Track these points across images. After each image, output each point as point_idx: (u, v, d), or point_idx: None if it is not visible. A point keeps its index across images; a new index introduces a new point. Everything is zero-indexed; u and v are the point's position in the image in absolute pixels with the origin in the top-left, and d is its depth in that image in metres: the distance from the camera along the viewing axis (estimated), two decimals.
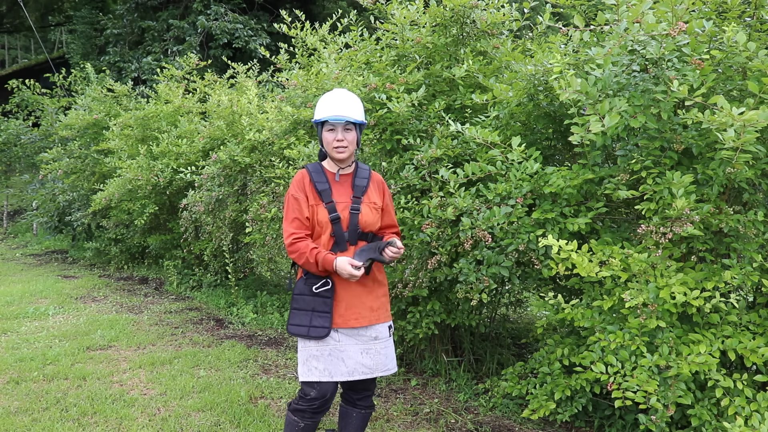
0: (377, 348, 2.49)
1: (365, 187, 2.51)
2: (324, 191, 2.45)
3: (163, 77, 8.10)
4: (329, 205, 2.43)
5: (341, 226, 2.43)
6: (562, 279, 3.53)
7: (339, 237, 2.43)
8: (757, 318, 2.72)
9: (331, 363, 2.44)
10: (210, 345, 4.78)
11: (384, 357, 2.50)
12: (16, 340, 4.79)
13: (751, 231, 2.58)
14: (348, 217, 2.44)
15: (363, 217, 2.46)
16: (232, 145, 5.48)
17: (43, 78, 11.94)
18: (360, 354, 2.46)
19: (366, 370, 2.46)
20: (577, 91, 2.49)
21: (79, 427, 3.24)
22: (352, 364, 2.45)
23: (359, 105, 2.48)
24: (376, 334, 2.49)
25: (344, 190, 2.49)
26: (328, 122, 2.41)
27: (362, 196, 2.48)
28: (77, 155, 8.63)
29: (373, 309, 2.48)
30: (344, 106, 2.41)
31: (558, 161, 3.69)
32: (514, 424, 3.35)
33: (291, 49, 5.09)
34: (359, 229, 2.46)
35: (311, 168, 2.51)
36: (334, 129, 2.41)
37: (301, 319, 2.43)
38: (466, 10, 3.58)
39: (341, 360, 2.44)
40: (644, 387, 2.51)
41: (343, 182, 2.51)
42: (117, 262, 8.35)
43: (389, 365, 2.52)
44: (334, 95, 2.46)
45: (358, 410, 2.61)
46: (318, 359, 2.44)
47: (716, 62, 2.59)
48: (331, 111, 2.40)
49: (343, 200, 2.47)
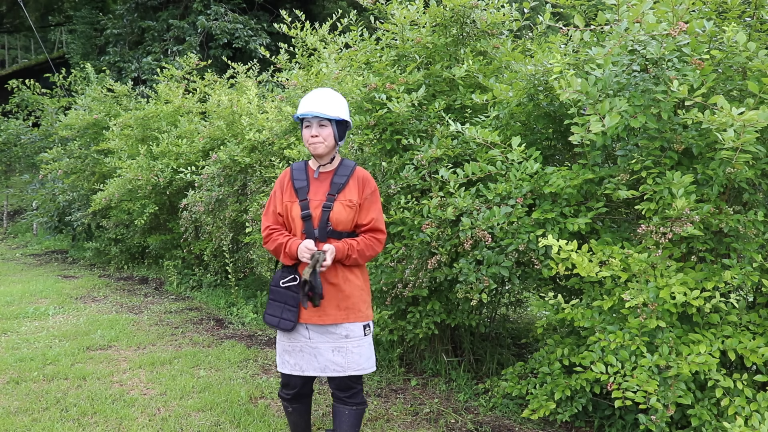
0: (349, 347, 2.50)
1: (343, 184, 2.51)
2: (301, 189, 2.51)
3: (163, 77, 8.10)
4: (303, 202, 2.49)
5: (312, 224, 2.47)
6: (562, 279, 3.53)
7: (309, 234, 2.47)
8: (757, 318, 2.72)
9: (303, 359, 2.53)
10: (210, 345, 4.78)
11: (358, 356, 2.51)
12: (16, 340, 4.79)
13: (751, 231, 2.58)
14: (320, 214, 2.47)
15: (334, 214, 2.46)
16: (232, 145, 5.48)
17: (43, 78, 11.94)
18: (331, 352, 2.49)
19: (338, 368, 2.50)
20: (577, 91, 2.49)
21: (79, 427, 3.24)
22: (324, 361, 2.50)
23: (337, 102, 2.49)
24: (347, 333, 2.50)
25: (322, 187, 2.52)
26: (305, 119, 2.48)
27: (337, 194, 2.49)
28: (77, 155, 8.62)
29: (341, 308, 2.49)
30: (319, 103, 2.46)
31: (558, 161, 3.69)
32: (514, 424, 3.35)
33: (291, 49, 5.09)
34: (330, 227, 2.47)
35: (295, 166, 2.60)
36: (310, 125, 2.47)
37: (274, 310, 2.52)
38: (466, 10, 3.58)
39: (313, 356, 2.51)
40: (644, 387, 2.51)
41: (323, 179, 2.54)
42: (117, 262, 8.35)
43: (364, 365, 2.52)
44: (312, 93, 2.52)
45: (349, 407, 2.62)
46: (290, 354, 2.55)
47: (716, 62, 2.59)
48: (304, 108, 2.47)
49: (318, 198, 2.50)
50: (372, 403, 3.61)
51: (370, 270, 3.80)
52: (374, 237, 2.54)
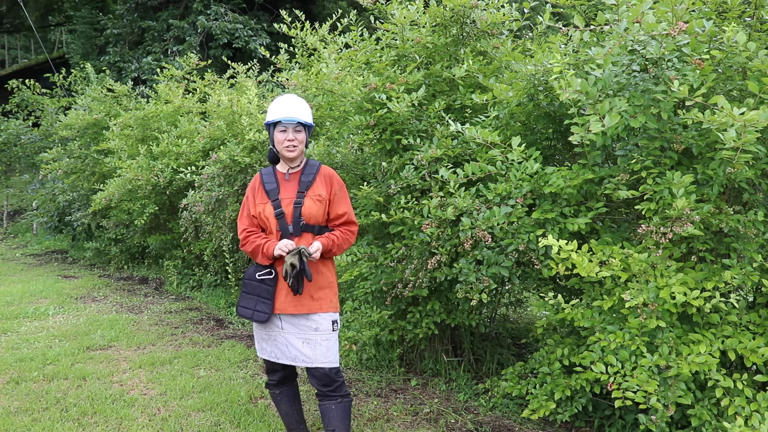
0: (318, 339, 2.65)
1: (311, 181, 2.70)
2: (272, 190, 2.70)
3: (163, 77, 8.10)
4: (275, 202, 2.67)
5: (285, 220, 2.64)
6: (562, 279, 3.53)
7: (284, 230, 2.65)
8: (757, 318, 2.72)
9: (276, 347, 2.71)
10: (210, 345, 4.78)
11: (325, 349, 2.65)
12: (16, 340, 4.79)
13: (751, 231, 2.58)
14: (292, 211, 2.64)
15: (306, 209, 2.64)
16: (232, 145, 5.48)
17: (43, 78, 11.94)
18: (301, 343, 2.65)
19: (306, 359, 2.64)
20: (577, 91, 2.49)
21: (79, 427, 3.24)
22: (294, 351, 2.66)
23: (308, 108, 2.72)
24: (317, 326, 2.65)
25: (291, 187, 2.70)
26: (281, 123, 2.64)
27: (306, 191, 2.67)
28: (77, 155, 8.63)
29: (314, 298, 2.65)
30: (295, 109, 2.65)
31: (558, 161, 3.68)
32: (514, 424, 3.35)
33: (291, 49, 5.09)
34: (302, 221, 2.64)
35: (264, 172, 2.79)
36: (285, 129, 2.64)
37: (247, 302, 2.69)
38: (466, 10, 3.58)
39: (285, 346, 2.68)
40: (644, 387, 2.51)
41: (292, 180, 2.72)
42: (117, 262, 8.35)
43: (331, 358, 2.67)
44: (284, 99, 2.69)
45: (335, 402, 2.69)
46: (265, 341, 2.75)
47: (716, 62, 2.59)
48: (283, 113, 2.63)
49: (289, 196, 2.68)
50: (372, 403, 3.61)
51: (370, 270, 3.80)
52: (348, 230, 2.74)
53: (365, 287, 3.84)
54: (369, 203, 3.75)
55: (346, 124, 4.06)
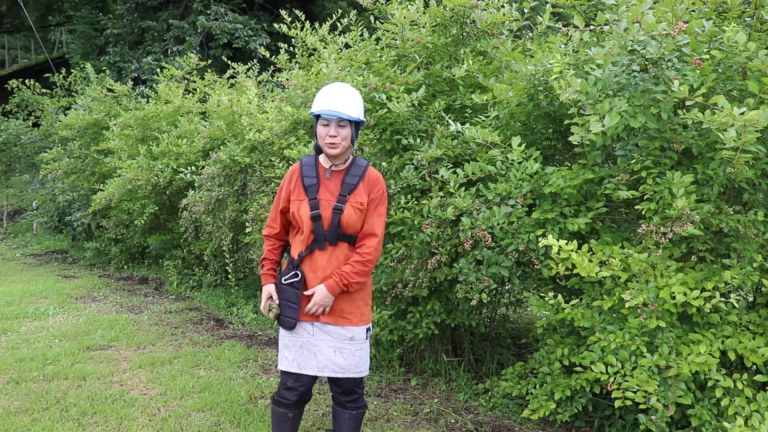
0: (352, 349, 2.46)
1: (355, 185, 2.43)
2: (310, 187, 2.43)
3: (163, 77, 8.10)
4: (312, 201, 2.40)
5: (321, 225, 2.40)
6: (562, 279, 3.53)
7: (318, 235, 2.41)
8: (757, 318, 2.72)
9: (302, 355, 2.46)
10: (210, 345, 4.78)
11: (358, 359, 2.48)
12: (16, 340, 4.79)
13: (751, 231, 2.58)
14: (330, 216, 2.39)
15: (345, 217, 2.39)
16: (232, 145, 5.48)
17: (43, 78, 11.94)
18: (333, 352, 2.45)
19: (338, 369, 2.45)
20: (577, 91, 2.49)
21: (79, 427, 3.24)
22: (324, 360, 2.45)
23: (357, 101, 2.40)
24: (352, 335, 2.46)
25: (333, 187, 2.44)
26: (322, 116, 2.37)
27: (349, 195, 2.41)
28: (77, 155, 8.62)
29: (345, 312, 2.46)
30: (340, 101, 2.35)
31: (558, 161, 3.69)
32: (514, 424, 3.35)
33: (291, 49, 5.09)
34: (340, 230, 2.40)
35: (305, 161, 2.51)
36: (328, 124, 2.37)
37: (284, 309, 2.49)
38: (466, 10, 3.58)
39: (313, 354, 2.45)
40: (644, 387, 2.51)
41: (334, 179, 2.46)
42: (117, 262, 8.35)
43: (362, 368, 2.51)
44: (332, 89, 2.40)
45: (349, 411, 2.59)
46: (289, 349, 2.49)
47: (716, 62, 2.59)
48: (325, 105, 2.35)
49: (329, 198, 2.42)
50: (372, 403, 3.61)
51: None
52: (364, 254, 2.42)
53: None
54: None
55: None
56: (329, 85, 2.44)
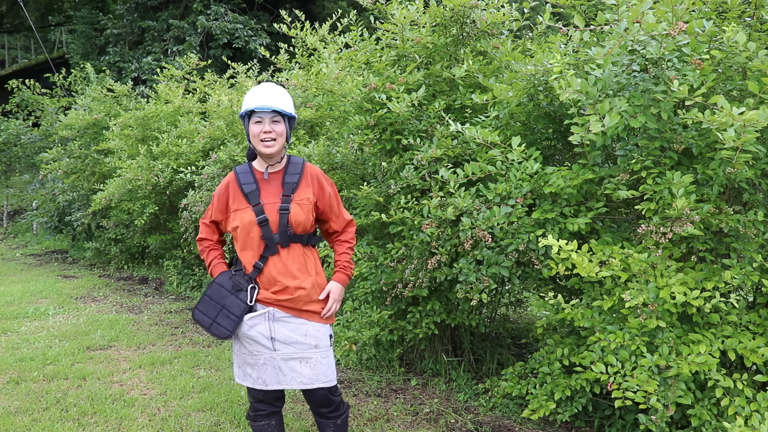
0: (318, 357, 2.34)
1: (297, 183, 2.35)
2: (251, 193, 2.33)
3: (163, 77, 8.11)
4: (256, 207, 2.31)
5: (270, 229, 2.30)
6: (562, 279, 3.53)
7: (269, 240, 2.31)
8: (757, 318, 2.72)
9: (266, 372, 2.37)
10: (210, 345, 4.78)
11: (326, 367, 2.36)
12: (16, 340, 4.79)
13: (751, 231, 2.58)
14: (278, 218, 2.30)
15: (293, 216, 2.31)
16: (232, 145, 5.48)
17: (43, 78, 11.95)
18: (299, 363, 2.34)
19: (305, 380, 2.34)
20: (577, 91, 2.49)
21: (79, 427, 3.24)
22: (289, 372, 2.34)
23: (288, 98, 2.36)
24: (316, 342, 2.35)
25: (274, 189, 2.36)
26: (255, 113, 2.30)
27: (292, 194, 2.33)
28: (77, 155, 8.63)
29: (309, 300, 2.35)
30: (272, 97, 2.29)
31: (558, 161, 3.68)
32: (514, 424, 3.35)
33: (291, 49, 5.09)
34: (290, 230, 2.32)
35: (239, 170, 2.41)
36: (261, 121, 2.29)
37: (208, 308, 2.37)
38: (466, 10, 3.58)
39: (278, 369, 2.35)
40: (644, 387, 2.51)
41: (273, 180, 2.37)
42: (117, 262, 8.35)
43: (330, 376, 2.38)
44: (262, 87, 2.35)
45: (333, 421, 2.49)
46: (252, 367, 2.39)
47: (716, 62, 2.59)
48: (257, 101, 2.28)
49: (272, 200, 2.33)
50: (372, 403, 3.61)
51: (370, 270, 3.80)
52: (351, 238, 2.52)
53: (365, 287, 3.84)
54: (369, 203, 3.75)
55: (346, 124, 4.06)
56: (258, 85, 2.40)
